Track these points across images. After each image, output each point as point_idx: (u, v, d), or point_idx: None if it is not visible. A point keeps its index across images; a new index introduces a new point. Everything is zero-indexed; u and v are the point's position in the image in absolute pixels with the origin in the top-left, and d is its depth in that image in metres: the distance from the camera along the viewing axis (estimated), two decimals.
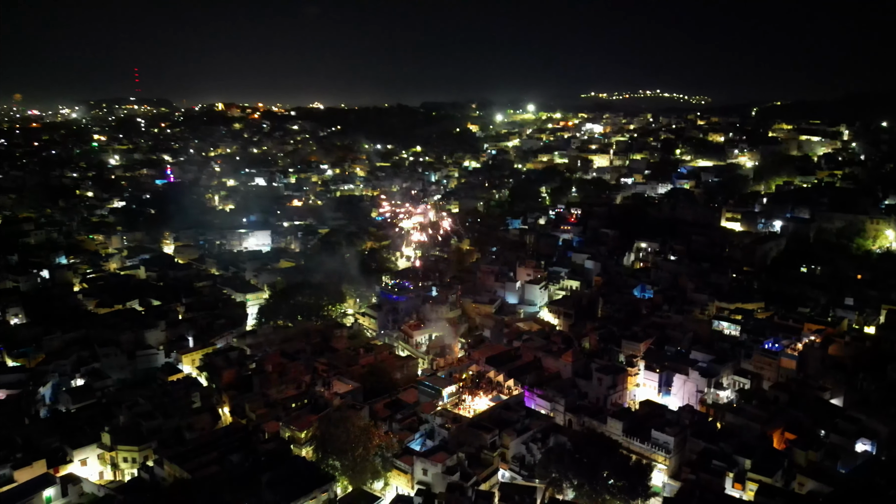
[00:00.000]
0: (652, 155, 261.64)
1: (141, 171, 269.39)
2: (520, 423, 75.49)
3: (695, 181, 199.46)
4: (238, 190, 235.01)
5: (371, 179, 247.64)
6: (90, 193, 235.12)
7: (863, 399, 77.66)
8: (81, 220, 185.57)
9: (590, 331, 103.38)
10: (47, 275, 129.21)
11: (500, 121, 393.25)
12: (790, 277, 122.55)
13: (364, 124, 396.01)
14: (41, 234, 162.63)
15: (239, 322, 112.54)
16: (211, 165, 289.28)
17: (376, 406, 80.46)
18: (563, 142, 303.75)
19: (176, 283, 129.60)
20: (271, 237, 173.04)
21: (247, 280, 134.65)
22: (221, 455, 67.29)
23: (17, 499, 61.85)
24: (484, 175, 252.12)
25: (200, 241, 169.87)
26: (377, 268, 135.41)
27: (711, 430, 76.16)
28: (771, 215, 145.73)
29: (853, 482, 64.09)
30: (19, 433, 72.55)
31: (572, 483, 65.93)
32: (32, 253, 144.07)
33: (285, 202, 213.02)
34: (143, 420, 74.60)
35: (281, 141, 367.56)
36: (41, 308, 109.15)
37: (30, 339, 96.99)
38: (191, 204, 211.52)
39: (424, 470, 67.33)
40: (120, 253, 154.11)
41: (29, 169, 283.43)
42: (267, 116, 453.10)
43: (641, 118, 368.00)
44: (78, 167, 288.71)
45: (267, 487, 62.29)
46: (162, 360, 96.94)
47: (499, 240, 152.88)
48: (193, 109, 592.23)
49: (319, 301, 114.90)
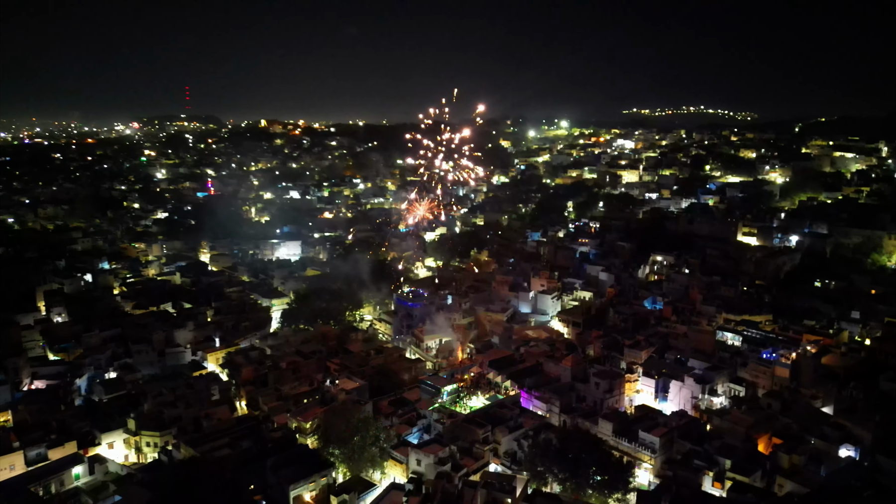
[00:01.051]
0: (681, 171, 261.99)
1: (184, 184, 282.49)
2: (513, 420, 79.60)
3: (719, 197, 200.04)
4: (273, 202, 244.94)
5: (401, 193, 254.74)
6: (136, 205, 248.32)
7: (851, 407, 79.29)
8: (126, 230, 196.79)
9: (594, 338, 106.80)
10: (90, 278, 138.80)
11: (532, 136, 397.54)
12: (803, 291, 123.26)
13: (400, 140, 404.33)
14: (87, 242, 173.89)
15: (263, 325, 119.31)
16: (250, 179, 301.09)
17: (381, 403, 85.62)
18: (594, 157, 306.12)
19: (207, 288, 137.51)
20: (301, 247, 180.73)
21: (274, 287, 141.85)
22: (232, 441, 73.29)
23: (49, 474, 68.80)
24: (512, 189, 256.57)
25: (235, 251, 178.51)
26: (396, 276, 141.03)
27: (700, 432, 78.84)
28: (788, 230, 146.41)
29: (830, 484, 66.30)
30: (55, 418, 79.84)
31: (556, 476, 69.75)
32: (79, 259, 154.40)
33: (317, 214, 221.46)
34: (165, 409, 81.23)
35: (319, 156, 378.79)
36: (83, 308, 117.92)
37: (70, 336, 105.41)
38: (228, 215, 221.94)
39: (418, 460, 71.94)
40: (158, 260, 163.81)
41: (82, 182, 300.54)
42: (307, 132, 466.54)
43: (675, 134, 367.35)
44: (127, 180, 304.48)
45: (271, 470, 67.81)
46: (189, 357, 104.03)
47: (517, 252, 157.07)
48: (240, 126, 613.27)
49: (338, 306, 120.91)
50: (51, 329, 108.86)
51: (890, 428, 74.40)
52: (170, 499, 59.45)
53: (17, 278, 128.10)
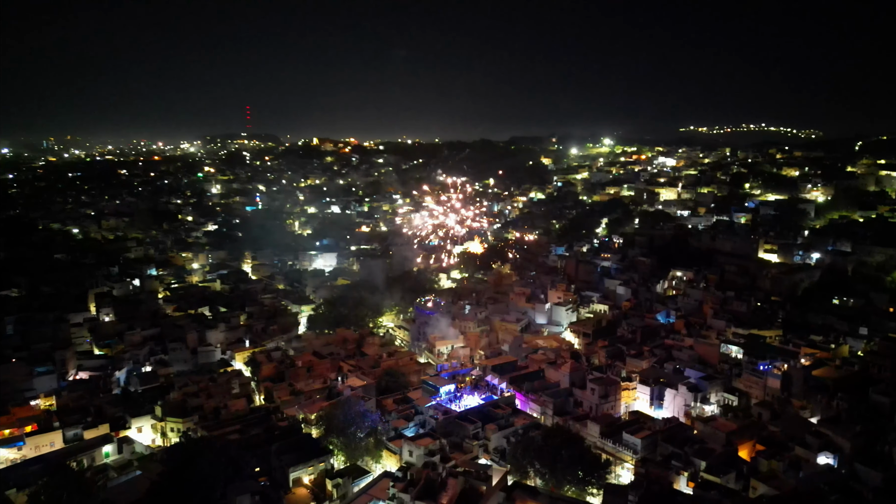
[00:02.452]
0: (720, 189, 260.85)
1: (234, 198, 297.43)
2: (504, 419, 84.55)
3: (751, 214, 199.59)
4: (316, 216, 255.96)
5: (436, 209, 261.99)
6: (189, 217, 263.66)
7: (835, 417, 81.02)
8: (176, 240, 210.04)
9: (599, 348, 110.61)
10: (138, 283, 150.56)
11: (574, 154, 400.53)
12: (819, 308, 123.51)
13: (445, 158, 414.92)
14: (140, 251, 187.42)
15: (290, 329, 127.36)
16: (296, 194, 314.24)
17: (385, 401, 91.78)
18: (633, 175, 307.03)
19: (243, 294, 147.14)
20: (336, 259, 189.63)
21: (305, 294, 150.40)
22: (243, 427, 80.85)
23: (82, 451, 77.71)
24: (547, 206, 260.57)
25: (275, 261, 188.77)
26: (419, 287, 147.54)
27: (685, 437, 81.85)
28: (811, 248, 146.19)
29: (800, 488, 68.82)
30: (93, 404, 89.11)
31: (537, 470, 74.34)
32: (130, 265, 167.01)
33: (354, 228, 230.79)
34: (189, 399, 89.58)
35: (366, 173, 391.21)
36: (128, 309, 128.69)
37: (114, 334, 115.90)
38: (273, 228, 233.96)
39: (410, 451, 77.75)
40: (203, 268, 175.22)
41: (142, 196, 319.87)
42: (357, 150, 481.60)
43: (719, 152, 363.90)
44: (183, 195, 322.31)
45: (274, 454, 74.70)
46: (218, 356, 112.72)
47: (539, 265, 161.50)
48: (296, 144, 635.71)
49: (359, 313, 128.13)
50: (98, 327, 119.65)
51: (870, 437, 76.09)
52: (179, 471, 66.84)
53: (73, 282, 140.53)
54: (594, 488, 72.23)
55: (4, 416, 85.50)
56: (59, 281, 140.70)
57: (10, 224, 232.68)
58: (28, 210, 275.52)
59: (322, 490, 72.16)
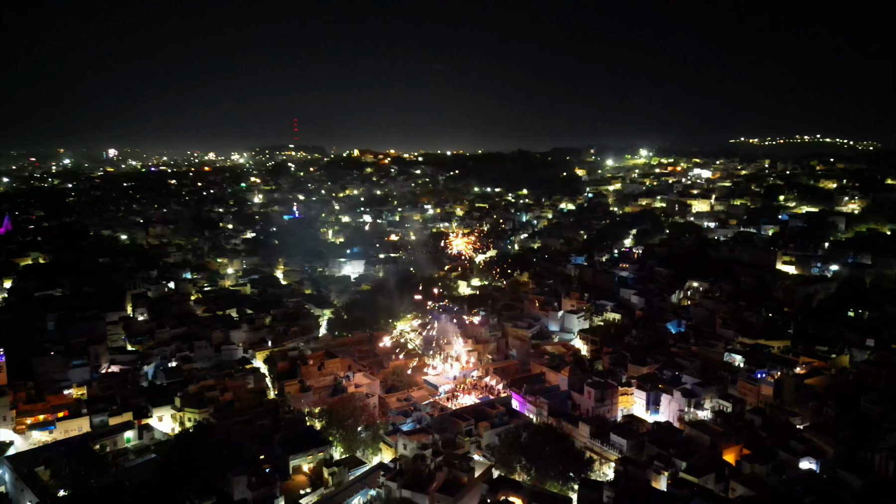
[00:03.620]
0: (753, 201, 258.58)
1: (273, 207, 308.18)
2: (498, 418, 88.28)
3: (779, 227, 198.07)
4: (349, 225, 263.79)
5: (466, 219, 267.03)
6: (230, 226, 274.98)
7: (823, 424, 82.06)
8: (214, 246, 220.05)
9: (604, 354, 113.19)
10: (173, 286, 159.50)
11: (610, 165, 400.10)
12: (833, 320, 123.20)
13: (481, 169, 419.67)
14: (179, 256, 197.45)
15: (310, 330, 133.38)
16: (332, 204, 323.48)
17: (389, 398, 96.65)
18: (667, 186, 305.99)
19: (270, 298, 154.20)
20: (364, 266, 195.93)
21: (328, 299, 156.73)
22: (252, 418, 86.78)
23: (106, 435, 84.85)
24: (576, 217, 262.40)
25: (305, 267, 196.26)
26: (437, 293, 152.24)
27: (672, 439, 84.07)
28: (831, 260, 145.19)
29: (777, 490, 70.70)
30: (120, 394, 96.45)
31: (523, 465, 77.89)
32: (168, 269, 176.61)
33: (384, 237, 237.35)
34: (206, 391, 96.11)
35: (403, 184, 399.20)
36: (161, 310, 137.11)
37: (146, 331, 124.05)
38: (307, 236, 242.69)
39: (404, 445, 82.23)
40: (236, 273, 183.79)
41: (188, 205, 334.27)
42: (396, 161, 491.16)
43: (758, 164, 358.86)
44: (226, 204, 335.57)
45: (278, 443, 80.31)
46: (240, 354, 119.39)
47: (556, 274, 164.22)
48: (341, 155, 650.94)
49: (376, 317, 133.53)
50: (131, 325, 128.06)
51: (854, 444, 77.10)
52: (185, 455, 72.98)
53: (113, 283, 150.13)
54: (575, 484, 75.24)
55: (40, 402, 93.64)
56: (100, 282, 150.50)
57: (64, 230, 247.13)
58: (82, 217, 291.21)
59: (319, 477, 77.24)
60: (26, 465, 75.72)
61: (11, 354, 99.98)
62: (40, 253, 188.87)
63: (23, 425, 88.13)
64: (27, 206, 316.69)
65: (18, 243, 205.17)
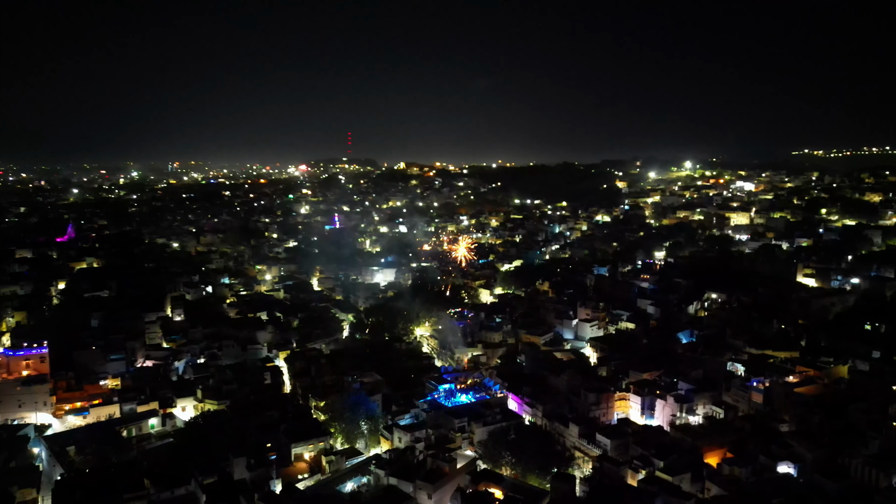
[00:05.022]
0: (794, 214, 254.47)
1: (316, 218, 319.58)
2: (491, 417, 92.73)
3: (813, 239, 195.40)
4: (385, 236, 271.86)
5: (499, 230, 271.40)
6: (275, 235, 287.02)
7: (806, 430, 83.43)
8: (255, 254, 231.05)
9: (607, 360, 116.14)
10: (210, 289, 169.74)
11: (653, 178, 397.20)
12: (849, 333, 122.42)
13: (525, 181, 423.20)
14: (221, 262, 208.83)
15: (333, 333, 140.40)
16: (372, 214, 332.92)
17: (392, 395, 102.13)
18: (706, 199, 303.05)
19: (300, 302, 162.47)
20: (395, 274, 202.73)
21: (354, 304, 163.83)
22: (262, 410, 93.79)
23: (133, 421, 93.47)
24: (610, 229, 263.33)
25: (339, 275, 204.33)
26: (456, 300, 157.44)
27: (657, 441, 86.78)
28: (853, 273, 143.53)
29: (748, 491, 73.01)
30: (150, 386, 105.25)
31: (507, 460, 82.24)
32: (209, 275, 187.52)
33: (417, 247, 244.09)
34: (225, 385, 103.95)
35: (445, 196, 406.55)
36: (196, 311, 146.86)
37: (180, 331, 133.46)
38: (345, 245, 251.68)
39: (400, 438, 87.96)
40: (273, 279, 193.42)
41: (238, 215, 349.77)
42: (441, 174, 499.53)
43: (805, 176, 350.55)
44: (273, 214, 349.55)
45: (283, 432, 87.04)
46: (264, 353, 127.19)
47: (577, 284, 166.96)
48: (392, 168, 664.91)
49: (394, 321, 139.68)
50: (167, 324, 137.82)
51: (833, 450, 78.42)
52: (194, 439, 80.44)
53: (156, 286, 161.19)
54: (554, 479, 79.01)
55: (78, 391, 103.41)
56: (144, 285, 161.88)
57: (122, 237, 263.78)
58: (140, 226, 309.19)
59: (318, 465, 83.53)
60: (59, 444, 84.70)
61: (56, 348, 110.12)
62: (95, 258, 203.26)
63: (61, 410, 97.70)
64: (92, 215, 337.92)
65: (77, 249, 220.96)
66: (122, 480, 70.35)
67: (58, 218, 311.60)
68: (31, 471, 75.56)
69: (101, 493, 67.50)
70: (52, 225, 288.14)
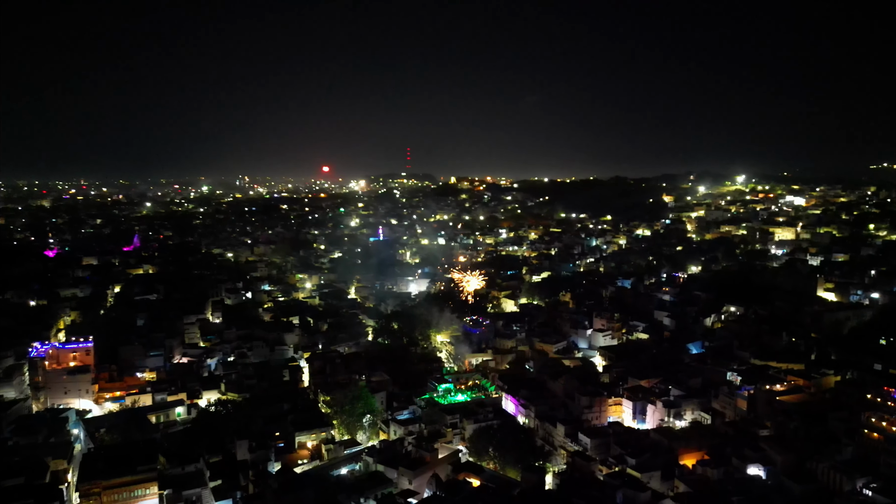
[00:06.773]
0: (840, 229, 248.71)
1: (362, 230, 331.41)
2: (483, 415, 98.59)
3: (850, 254, 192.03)
4: (425, 248, 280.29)
5: (536, 242, 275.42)
6: (322, 246, 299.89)
7: (781, 435, 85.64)
8: (301, 264, 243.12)
9: (610, 368, 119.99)
10: (250, 296, 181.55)
11: (702, 192, 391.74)
12: (862, 347, 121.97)
13: (573, 195, 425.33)
14: (265, 271, 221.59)
15: (357, 337, 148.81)
16: (415, 227, 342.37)
17: (396, 392, 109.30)
18: (752, 213, 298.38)
19: (331, 308, 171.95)
20: (427, 284, 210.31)
21: (382, 311, 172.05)
22: (273, 402, 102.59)
23: (161, 409, 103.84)
24: (649, 243, 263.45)
25: (375, 284, 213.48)
26: (479, 308, 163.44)
27: (639, 443, 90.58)
28: (873, 288, 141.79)
29: (712, 488, 76.43)
30: (181, 379, 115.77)
31: (490, 454, 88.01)
32: (252, 282, 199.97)
33: (453, 258, 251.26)
34: (246, 379, 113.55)
35: (492, 209, 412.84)
36: (234, 315, 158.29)
37: (215, 331, 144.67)
38: (387, 256, 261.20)
39: (395, 431, 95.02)
40: (312, 287, 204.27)
41: (291, 228, 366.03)
42: (490, 188, 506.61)
43: (861, 191, 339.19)
44: (324, 226, 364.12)
45: (290, 422, 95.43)
46: (290, 354, 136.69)
47: (598, 296, 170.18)
48: (447, 182, 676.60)
49: (412, 327, 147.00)
50: (205, 325, 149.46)
51: (803, 455, 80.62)
52: (205, 424, 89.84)
53: (200, 291, 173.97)
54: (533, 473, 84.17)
55: (119, 382, 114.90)
56: (189, 290, 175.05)
57: (181, 247, 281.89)
58: (201, 237, 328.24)
59: (318, 452, 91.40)
60: (94, 426, 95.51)
61: (104, 344, 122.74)
62: (151, 265, 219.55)
63: (101, 398, 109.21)
64: (160, 227, 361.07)
65: (137, 257, 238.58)
66: (139, 456, 79.84)
67: (129, 229, 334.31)
68: (65, 445, 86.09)
69: (120, 464, 77.04)
70: (122, 235, 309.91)
